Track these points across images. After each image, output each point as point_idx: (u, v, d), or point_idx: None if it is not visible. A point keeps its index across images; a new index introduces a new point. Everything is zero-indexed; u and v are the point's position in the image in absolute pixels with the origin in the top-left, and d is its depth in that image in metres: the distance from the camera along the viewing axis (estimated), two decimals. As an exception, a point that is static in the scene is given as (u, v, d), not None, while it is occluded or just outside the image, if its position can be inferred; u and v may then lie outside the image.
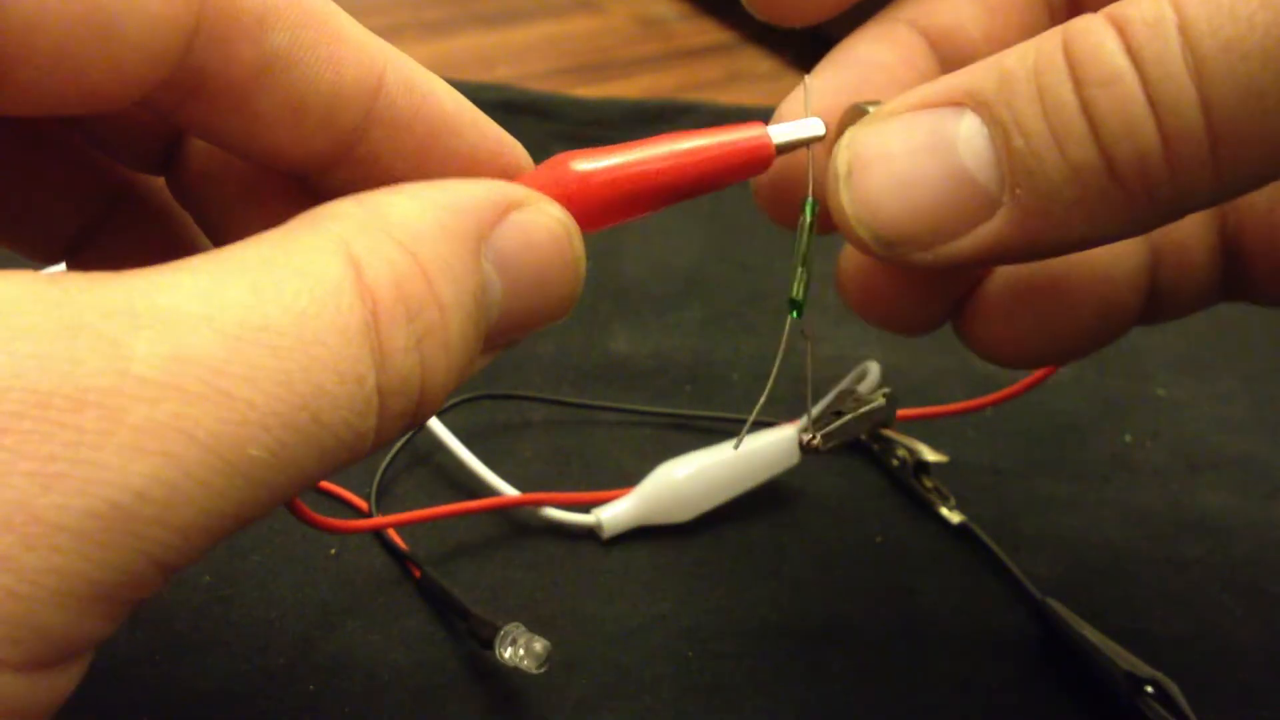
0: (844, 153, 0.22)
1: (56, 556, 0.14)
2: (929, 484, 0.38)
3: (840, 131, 0.23)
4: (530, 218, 0.20)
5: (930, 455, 0.38)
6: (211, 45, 0.19)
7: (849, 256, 0.27)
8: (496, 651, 0.31)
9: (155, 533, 0.15)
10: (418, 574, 0.34)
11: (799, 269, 0.24)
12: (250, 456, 0.16)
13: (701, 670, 0.32)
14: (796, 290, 0.24)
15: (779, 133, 0.22)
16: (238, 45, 0.19)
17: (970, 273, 0.26)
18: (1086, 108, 0.18)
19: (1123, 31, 0.18)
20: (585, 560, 0.36)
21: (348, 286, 0.17)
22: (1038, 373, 0.35)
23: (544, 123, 0.60)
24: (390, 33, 0.23)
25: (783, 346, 0.24)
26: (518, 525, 0.37)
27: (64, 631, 0.15)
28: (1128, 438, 0.42)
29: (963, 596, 0.35)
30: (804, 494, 0.39)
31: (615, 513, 0.36)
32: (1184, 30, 0.17)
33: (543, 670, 0.30)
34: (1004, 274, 0.26)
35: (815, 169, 0.23)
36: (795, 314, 0.24)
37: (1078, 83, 0.18)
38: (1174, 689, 0.30)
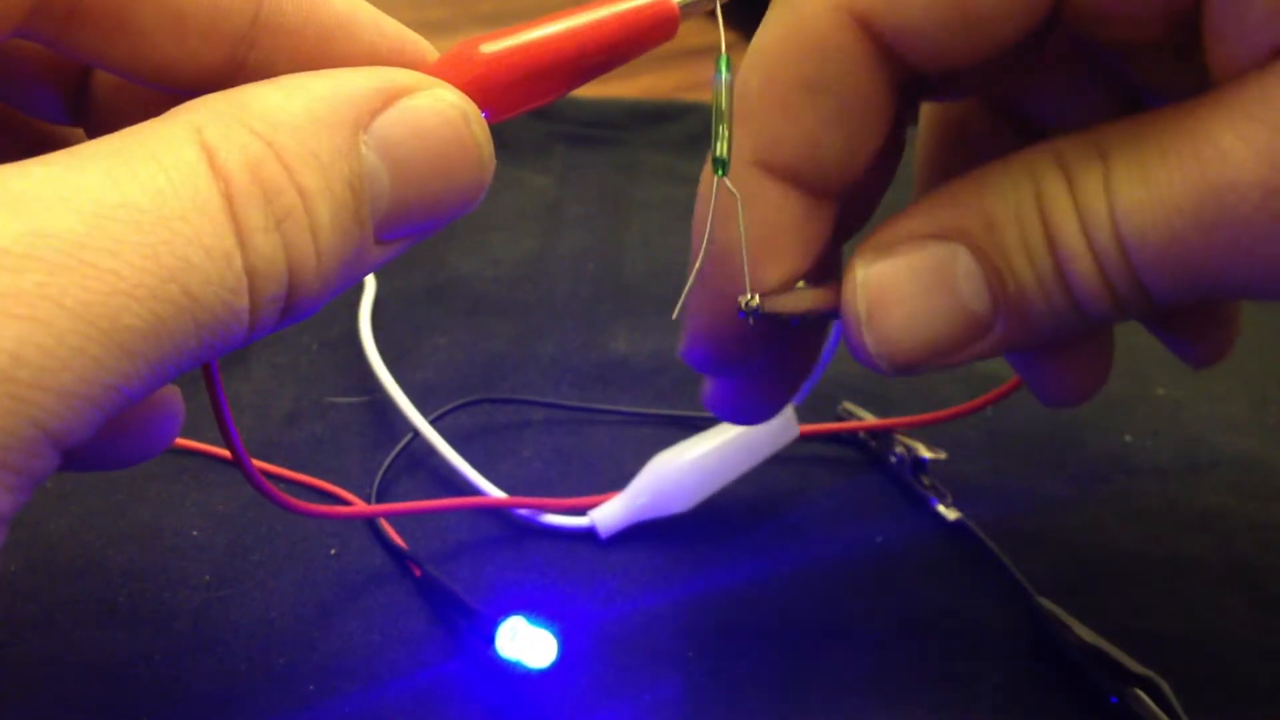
0: (861, 297, 0.25)
1: None
2: (927, 482, 0.38)
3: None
4: (421, 103, 0.20)
5: (928, 453, 0.38)
6: None
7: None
8: (498, 646, 0.30)
9: (36, 396, 0.16)
10: (418, 573, 0.34)
11: (720, 127, 0.24)
12: (124, 326, 0.16)
13: (701, 670, 0.32)
14: (720, 149, 0.24)
15: None
16: None
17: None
18: (1062, 271, 0.23)
19: (1082, 213, 0.22)
20: (584, 560, 0.36)
21: (202, 169, 0.17)
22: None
23: (544, 123, 0.60)
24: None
25: (712, 205, 0.24)
26: (516, 526, 0.37)
27: None
28: (1128, 438, 0.42)
29: (961, 596, 0.35)
30: (803, 494, 0.39)
31: (610, 512, 0.36)
32: (1117, 220, 0.22)
33: (546, 663, 0.30)
34: None
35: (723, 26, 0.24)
36: (720, 172, 0.24)
37: (1054, 253, 0.23)
38: (1166, 688, 0.30)
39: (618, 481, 0.38)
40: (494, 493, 0.37)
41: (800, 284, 0.26)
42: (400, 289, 0.47)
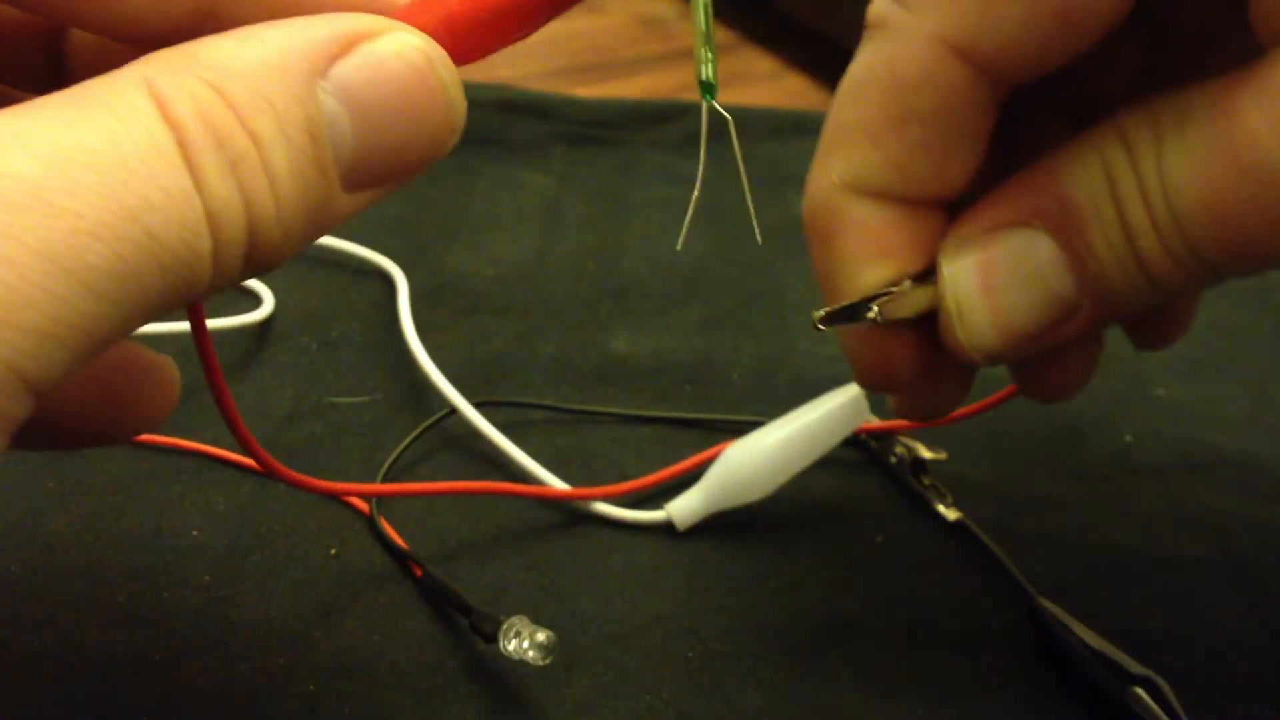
0: (949, 294, 0.26)
1: None
2: (927, 481, 0.38)
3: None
4: (382, 47, 0.19)
5: (927, 453, 0.38)
6: None
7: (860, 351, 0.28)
8: (500, 645, 0.30)
9: (4, 333, 0.16)
10: (419, 572, 0.34)
11: (704, 49, 0.23)
12: (88, 265, 0.16)
13: (701, 670, 0.32)
14: (705, 71, 0.23)
15: None
16: None
17: None
18: (1134, 247, 0.23)
19: (1143, 189, 0.23)
20: (585, 561, 0.36)
21: (154, 114, 0.17)
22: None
23: (544, 123, 0.60)
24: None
25: (704, 132, 0.24)
26: (518, 526, 0.37)
27: None
28: (1128, 438, 0.42)
29: (961, 595, 0.35)
30: (804, 493, 0.39)
31: (687, 504, 0.36)
32: (1168, 195, 0.23)
33: (548, 662, 0.30)
34: None
35: None
36: (709, 97, 0.23)
37: (1125, 229, 0.23)
38: (1165, 687, 0.30)
39: (620, 481, 0.38)
40: (550, 479, 0.38)
41: (906, 284, 0.26)
42: (400, 289, 0.47)
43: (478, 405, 0.40)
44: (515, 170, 0.57)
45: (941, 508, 0.38)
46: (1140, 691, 0.30)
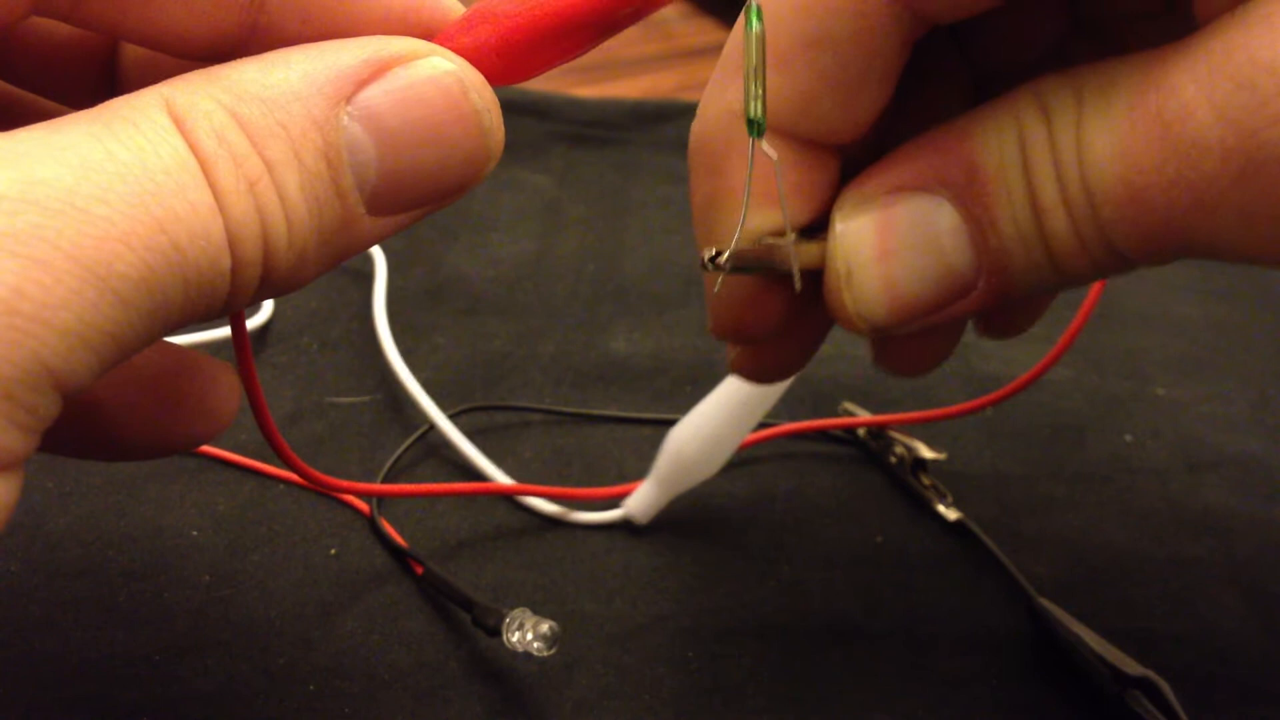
0: (840, 254, 0.24)
1: None
2: (927, 481, 0.38)
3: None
4: (413, 72, 0.19)
5: (928, 452, 0.38)
6: None
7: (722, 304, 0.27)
8: (504, 638, 0.30)
9: (38, 330, 0.16)
10: (419, 570, 0.34)
11: (754, 85, 0.22)
12: (118, 273, 0.16)
13: (701, 670, 0.32)
14: (755, 109, 0.22)
15: None
16: None
17: None
18: (1040, 225, 0.22)
19: (1057, 162, 0.22)
20: (584, 561, 0.36)
21: (175, 131, 0.18)
22: (1037, 368, 0.35)
23: (544, 123, 0.60)
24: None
25: (750, 171, 0.23)
26: (517, 526, 0.37)
27: None
28: (1128, 438, 0.42)
29: (961, 595, 0.35)
30: (803, 494, 0.39)
31: (643, 498, 0.36)
32: (1084, 171, 0.21)
33: (552, 652, 0.30)
34: None
35: None
36: (755, 134, 0.23)
37: (1034, 205, 0.22)
38: (1165, 687, 0.30)
39: (619, 481, 0.38)
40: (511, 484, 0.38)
41: (793, 236, 0.24)
42: (399, 289, 0.47)
43: (457, 414, 0.40)
44: (515, 170, 0.57)
45: (941, 508, 0.38)
46: (1140, 693, 0.30)
